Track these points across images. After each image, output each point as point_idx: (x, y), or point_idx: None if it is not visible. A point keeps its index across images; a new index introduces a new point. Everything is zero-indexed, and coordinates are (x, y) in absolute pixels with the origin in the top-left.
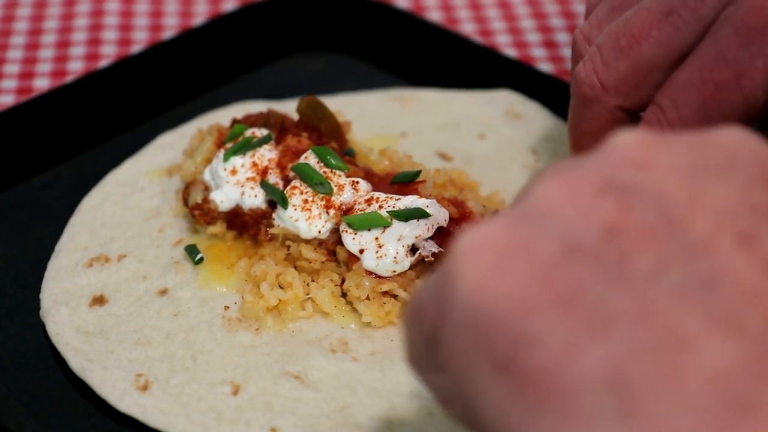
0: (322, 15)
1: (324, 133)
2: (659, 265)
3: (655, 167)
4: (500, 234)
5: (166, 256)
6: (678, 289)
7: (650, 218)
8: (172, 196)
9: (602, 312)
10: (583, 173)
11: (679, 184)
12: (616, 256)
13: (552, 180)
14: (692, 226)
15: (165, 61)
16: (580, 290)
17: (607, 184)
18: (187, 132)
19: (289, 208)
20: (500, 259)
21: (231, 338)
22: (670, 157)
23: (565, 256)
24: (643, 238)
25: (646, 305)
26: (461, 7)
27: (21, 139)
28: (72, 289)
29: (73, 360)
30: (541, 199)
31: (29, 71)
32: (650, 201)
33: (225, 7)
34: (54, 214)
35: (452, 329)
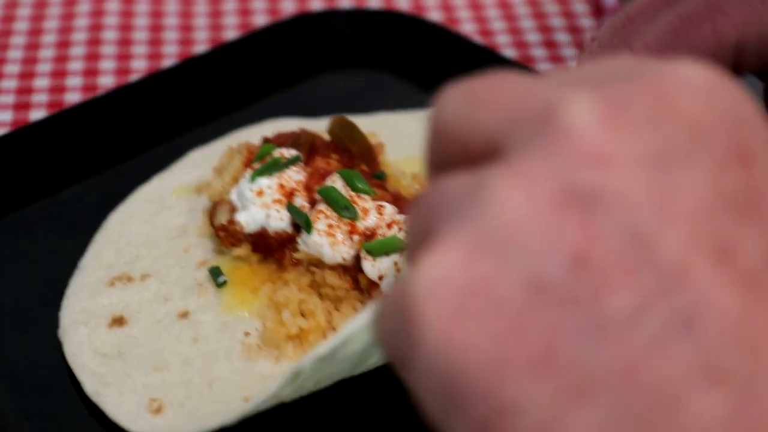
0: (362, 31)
1: (355, 155)
2: (637, 305)
3: (617, 161)
4: (460, 269)
5: (189, 278)
6: (659, 335)
7: (620, 242)
8: (199, 214)
9: (582, 373)
10: (543, 176)
11: (645, 183)
12: (589, 296)
13: (511, 187)
14: (665, 246)
15: (200, 75)
16: (556, 345)
17: (569, 192)
18: (218, 149)
19: (313, 232)
20: (463, 301)
21: (250, 367)
22: (631, 144)
23: (534, 297)
24: (615, 270)
25: (629, 361)
26: (461, 7)
27: (52, 152)
28: (92, 309)
29: (87, 383)
30: (500, 217)
31: (29, 71)
32: (617, 215)
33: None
34: (81, 229)
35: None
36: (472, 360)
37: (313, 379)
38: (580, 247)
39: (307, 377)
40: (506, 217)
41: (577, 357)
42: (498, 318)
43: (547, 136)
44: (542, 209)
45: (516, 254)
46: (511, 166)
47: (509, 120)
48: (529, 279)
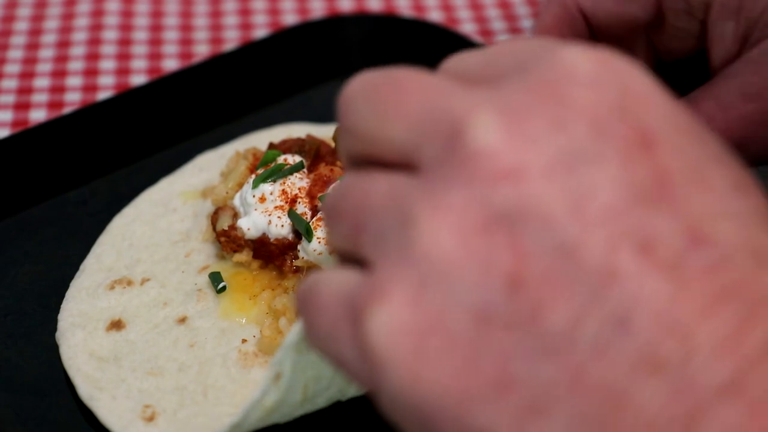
0: (373, 36)
1: None
2: (572, 317)
3: (527, 175)
4: (409, 312)
5: (189, 283)
6: (596, 341)
7: (547, 257)
8: (203, 219)
9: (536, 390)
10: (463, 205)
11: (558, 192)
12: (528, 316)
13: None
14: (588, 252)
15: (210, 80)
16: (507, 368)
17: (490, 216)
18: (226, 153)
19: (313, 240)
20: (419, 342)
21: (245, 374)
22: (538, 154)
23: (479, 327)
24: (547, 286)
25: (575, 370)
26: (461, 7)
27: (59, 153)
28: (91, 312)
29: (82, 387)
30: (433, 252)
31: (29, 71)
32: (539, 230)
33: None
34: (85, 231)
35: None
36: (437, 394)
37: (302, 385)
38: (512, 271)
39: (291, 380)
40: (438, 252)
41: (529, 375)
42: (452, 352)
43: (458, 158)
44: (469, 239)
45: (456, 288)
46: (431, 195)
47: (417, 133)
48: (474, 310)
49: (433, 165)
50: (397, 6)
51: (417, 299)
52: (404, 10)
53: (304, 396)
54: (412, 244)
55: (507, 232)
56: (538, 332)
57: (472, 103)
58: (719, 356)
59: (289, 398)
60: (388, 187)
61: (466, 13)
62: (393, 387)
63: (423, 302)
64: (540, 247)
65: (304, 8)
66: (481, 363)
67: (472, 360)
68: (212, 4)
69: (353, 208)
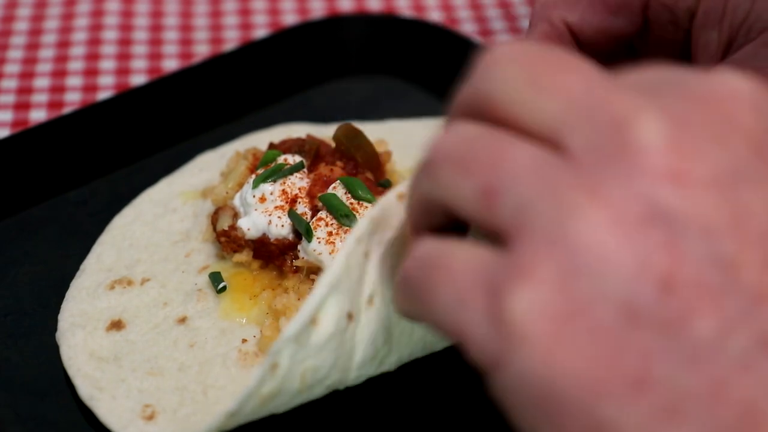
0: (373, 37)
1: (360, 163)
2: (721, 328)
3: (692, 181)
4: (553, 296)
5: (189, 283)
6: (743, 356)
7: (704, 264)
8: (204, 219)
9: (675, 394)
10: (624, 197)
11: (721, 204)
12: (677, 320)
13: (595, 208)
14: (745, 269)
15: (211, 79)
16: (649, 368)
17: (650, 211)
18: (226, 153)
19: (313, 240)
20: (560, 328)
21: (245, 374)
22: (704, 165)
23: (625, 322)
24: (701, 292)
25: (717, 382)
26: (461, 7)
27: (59, 153)
28: (91, 312)
29: (82, 387)
30: (588, 244)
31: (29, 71)
32: (699, 236)
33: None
34: (85, 231)
35: (515, 392)
36: (570, 380)
37: (300, 375)
38: (668, 272)
39: (289, 371)
40: (593, 242)
41: (670, 378)
42: (594, 343)
43: (621, 151)
44: (627, 232)
45: (607, 280)
46: (590, 183)
47: (577, 115)
48: (622, 303)
49: (592, 152)
50: (397, 6)
51: (566, 285)
52: (404, 10)
53: (302, 385)
54: (566, 229)
55: (666, 232)
56: (684, 337)
57: (637, 102)
58: None
59: (287, 387)
60: (534, 158)
61: (466, 13)
62: (524, 365)
63: (572, 289)
64: (698, 254)
65: (304, 8)
66: (623, 358)
67: (613, 353)
68: (212, 4)
69: (489, 164)
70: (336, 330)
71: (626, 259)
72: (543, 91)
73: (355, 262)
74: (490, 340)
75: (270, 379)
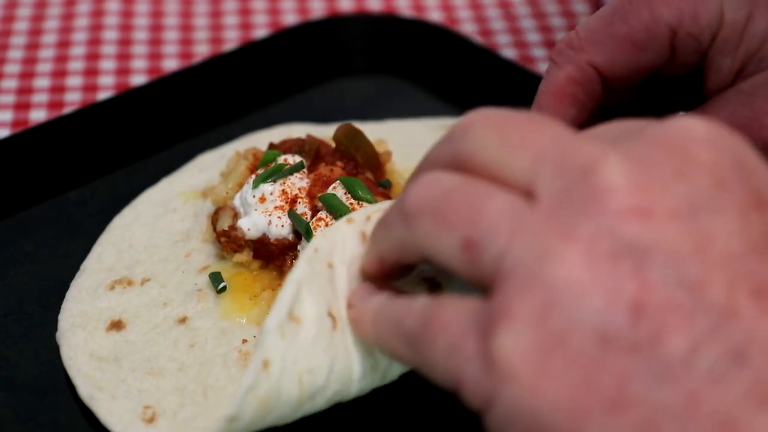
0: (373, 37)
1: (360, 163)
2: (691, 344)
3: (656, 215)
4: (533, 333)
5: (189, 283)
6: (713, 369)
7: (670, 288)
8: (204, 219)
9: (651, 411)
10: (591, 235)
11: (684, 232)
12: (648, 340)
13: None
14: (710, 289)
15: (211, 80)
16: (625, 389)
17: (617, 246)
18: (226, 153)
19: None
20: (542, 361)
21: (245, 374)
22: (666, 198)
23: (601, 348)
24: (669, 314)
25: (690, 396)
26: (461, 7)
27: (59, 153)
28: (91, 312)
29: (82, 387)
30: (562, 279)
31: (29, 71)
32: (664, 263)
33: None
34: (85, 231)
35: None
36: (554, 409)
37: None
38: (636, 297)
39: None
40: (566, 277)
41: (645, 397)
42: (573, 370)
43: (588, 193)
44: (597, 266)
45: (581, 311)
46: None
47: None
48: (596, 331)
49: (562, 197)
50: (397, 6)
51: (543, 320)
52: (404, 10)
53: (301, 391)
54: (541, 270)
55: (633, 262)
56: (656, 356)
57: (601, 148)
58: None
59: (285, 392)
60: (509, 207)
61: (466, 13)
62: (512, 399)
63: (549, 323)
64: (664, 279)
65: (304, 8)
66: (600, 381)
67: (591, 378)
68: (212, 4)
69: (467, 217)
70: (320, 330)
71: (597, 290)
72: (515, 148)
73: (319, 268)
74: (482, 381)
75: (264, 378)
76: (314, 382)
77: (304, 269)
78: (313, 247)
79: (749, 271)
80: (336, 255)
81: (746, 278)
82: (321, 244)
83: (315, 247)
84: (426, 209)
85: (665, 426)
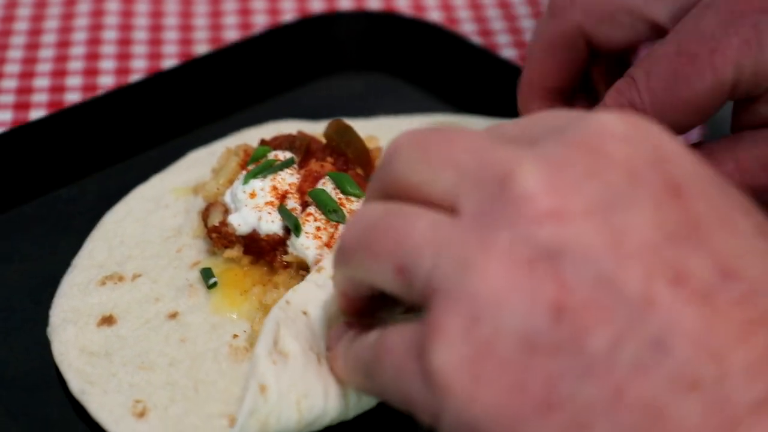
0: (365, 34)
1: (350, 159)
2: (612, 339)
3: (570, 215)
4: (462, 345)
5: (181, 278)
6: (635, 360)
7: (587, 286)
8: (195, 215)
9: (580, 408)
10: (508, 244)
11: (598, 230)
12: (571, 340)
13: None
14: (626, 282)
15: (202, 76)
16: (553, 390)
17: (534, 251)
18: (217, 150)
19: (301, 235)
20: (473, 371)
21: (236, 369)
22: (580, 198)
23: (527, 353)
24: (588, 312)
25: (615, 389)
26: (461, 7)
27: (49, 150)
28: (82, 308)
29: (73, 381)
30: (483, 290)
31: (29, 71)
32: (580, 262)
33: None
34: (76, 228)
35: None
36: (490, 417)
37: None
38: (556, 299)
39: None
40: (487, 287)
41: (573, 395)
42: (503, 376)
43: (504, 202)
44: (516, 273)
45: (504, 319)
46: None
47: (465, 180)
48: (521, 337)
49: (480, 209)
50: (397, 6)
51: (470, 332)
52: (404, 10)
53: (300, 415)
54: (464, 284)
55: (550, 265)
56: (580, 354)
57: (516, 155)
58: (752, 377)
59: (285, 416)
60: (431, 226)
61: (465, 13)
62: (453, 412)
63: (475, 334)
64: (581, 278)
65: (303, 8)
66: (529, 385)
67: (521, 383)
68: (212, 4)
69: (393, 244)
70: (308, 361)
71: (518, 296)
72: (437, 166)
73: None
74: (426, 398)
75: (263, 402)
76: (312, 406)
77: (279, 314)
78: (284, 300)
79: (666, 260)
80: (310, 304)
81: (663, 267)
82: (291, 297)
83: (286, 300)
84: (357, 244)
85: (595, 421)
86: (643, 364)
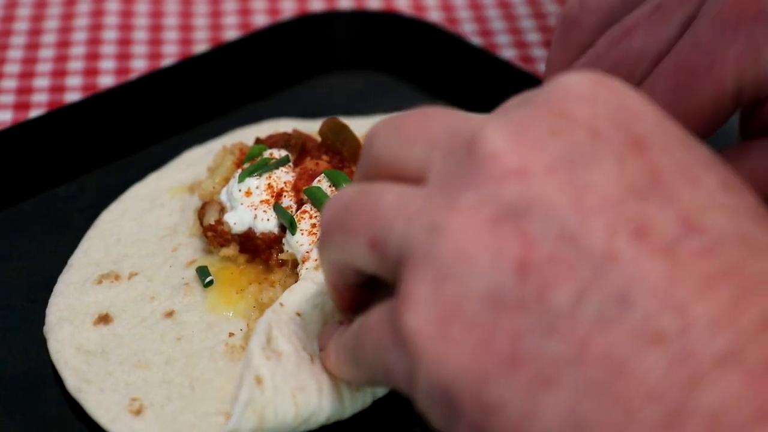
0: (362, 32)
1: (345, 157)
2: (576, 294)
3: (532, 173)
4: (430, 307)
5: (177, 277)
6: (599, 315)
7: (551, 243)
8: (191, 214)
9: (545, 364)
10: (473, 204)
11: (560, 187)
12: (535, 296)
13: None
14: (589, 237)
15: (199, 75)
16: (518, 346)
17: (498, 209)
18: (213, 148)
19: (296, 233)
20: (442, 332)
21: (232, 367)
22: (542, 156)
23: (492, 310)
24: (551, 268)
25: (579, 343)
26: (461, 7)
27: (47, 148)
28: (78, 306)
29: (70, 380)
30: (449, 251)
31: (29, 71)
32: (543, 219)
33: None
34: (73, 226)
35: (426, 397)
36: (459, 375)
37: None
38: (520, 256)
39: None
40: (453, 247)
41: (537, 351)
42: (470, 334)
43: (470, 164)
44: (481, 232)
45: (470, 277)
46: (447, 199)
47: (436, 149)
48: (486, 295)
49: (448, 173)
50: (397, 5)
51: (438, 293)
52: (404, 10)
53: (296, 410)
54: (431, 247)
55: (514, 223)
56: (544, 310)
57: (485, 121)
58: (715, 329)
59: (282, 410)
60: (400, 198)
61: (466, 13)
62: (425, 374)
63: (442, 295)
64: (544, 235)
65: (303, 8)
66: (495, 342)
67: (487, 340)
68: (212, 4)
69: (366, 219)
70: (301, 360)
71: (483, 255)
72: (411, 142)
73: (287, 318)
74: (402, 366)
75: (259, 393)
76: (308, 401)
77: (272, 317)
78: (278, 302)
79: (628, 214)
80: (305, 305)
81: (625, 222)
82: (286, 299)
83: (280, 302)
84: (333, 225)
85: (560, 376)
86: (607, 318)
